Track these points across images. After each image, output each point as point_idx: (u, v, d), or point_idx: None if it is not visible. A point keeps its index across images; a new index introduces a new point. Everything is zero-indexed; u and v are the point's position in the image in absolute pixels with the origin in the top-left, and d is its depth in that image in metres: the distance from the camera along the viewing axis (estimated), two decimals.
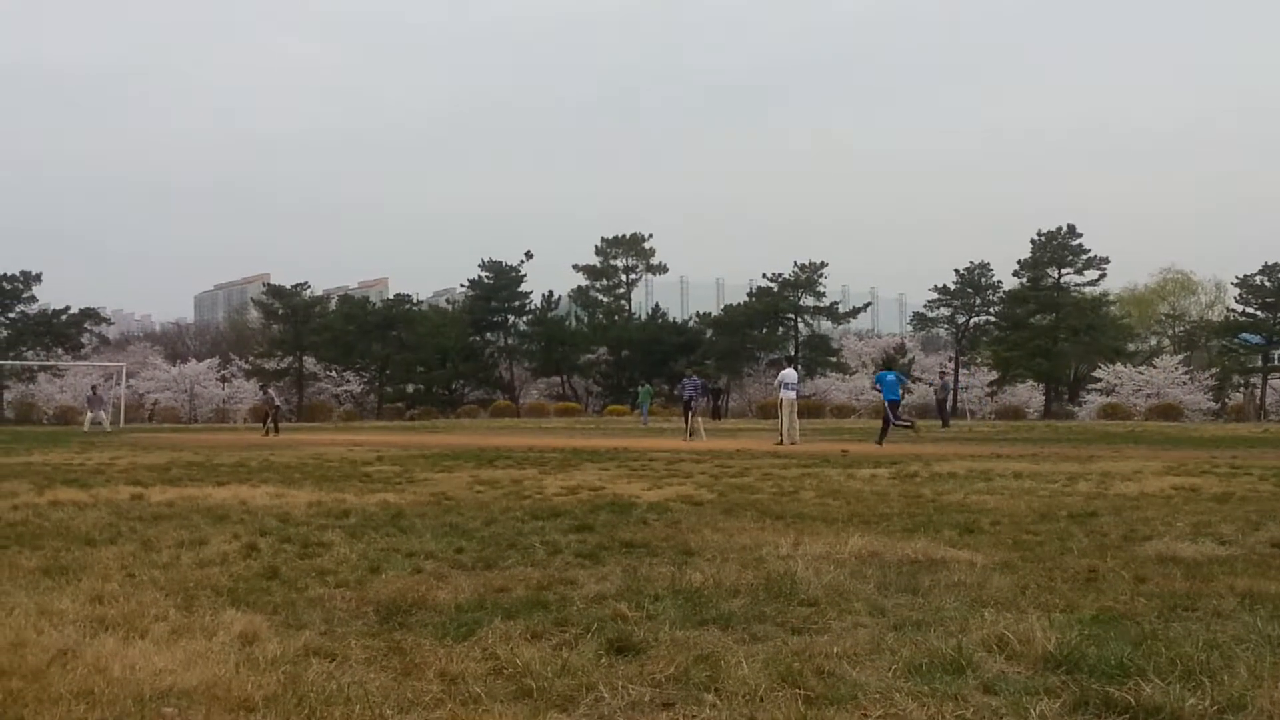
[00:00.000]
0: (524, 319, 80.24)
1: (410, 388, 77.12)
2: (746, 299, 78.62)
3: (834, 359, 74.92)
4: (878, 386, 30.77)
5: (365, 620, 6.25)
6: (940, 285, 74.62)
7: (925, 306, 76.92)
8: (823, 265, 74.14)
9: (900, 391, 30.63)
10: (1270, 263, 65.08)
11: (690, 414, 34.47)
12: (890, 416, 28.45)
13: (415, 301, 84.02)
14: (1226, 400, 66.02)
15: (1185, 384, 65.77)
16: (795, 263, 74.66)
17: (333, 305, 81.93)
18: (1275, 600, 6.66)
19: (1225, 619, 6.19)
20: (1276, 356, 66.29)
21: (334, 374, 77.20)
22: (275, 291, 78.71)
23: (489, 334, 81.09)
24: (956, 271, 74.21)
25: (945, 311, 75.64)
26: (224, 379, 75.48)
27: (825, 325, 79.11)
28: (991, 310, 74.38)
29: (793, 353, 70.09)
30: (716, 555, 8.36)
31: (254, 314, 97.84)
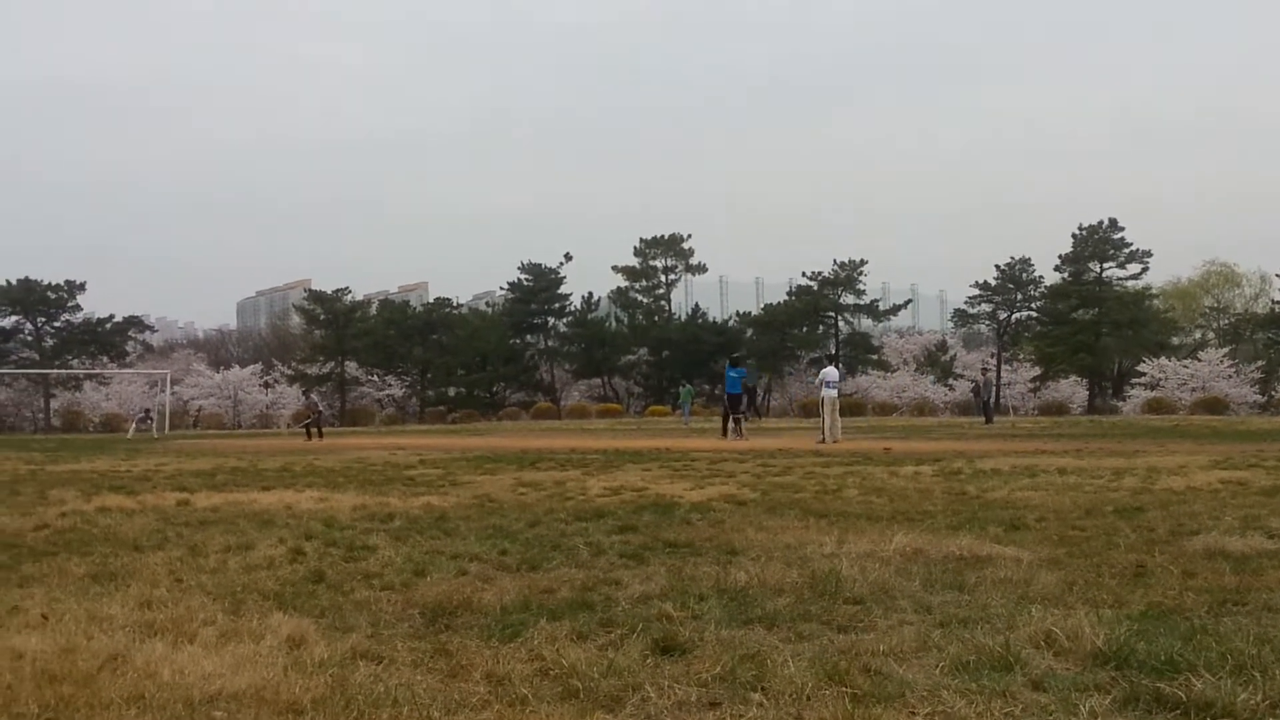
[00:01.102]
0: (564, 321, 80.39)
1: (451, 391, 77.39)
2: (786, 298, 78.56)
3: (875, 357, 74.72)
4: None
5: (411, 623, 6.28)
6: (981, 281, 74.36)
7: (966, 303, 76.60)
8: (862, 263, 73.96)
9: (741, 387, 32.08)
10: None
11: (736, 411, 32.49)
12: (730, 412, 30.46)
13: (455, 305, 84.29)
14: (1273, 393, 65.34)
15: (1231, 377, 65.19)
16: (835, 261, 74.56)
17: (373, 310, 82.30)
18: None
19: (1276, 613, 6.13)
20: None
21: (376, 378, 77.59)
22: (316, 297, 79.16)
23: (529, 336, 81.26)
24: (997, 267, 73.91)
25: (986, 308, 75.30)
26: (267, 385, 76.01)
27: (866, 323, 78.95)
28: (1033, 306, 73.97)
29: (833, 351, 69.91)
30: (761, 554, 8.34)
31: (296, 320, 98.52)
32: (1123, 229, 68.66)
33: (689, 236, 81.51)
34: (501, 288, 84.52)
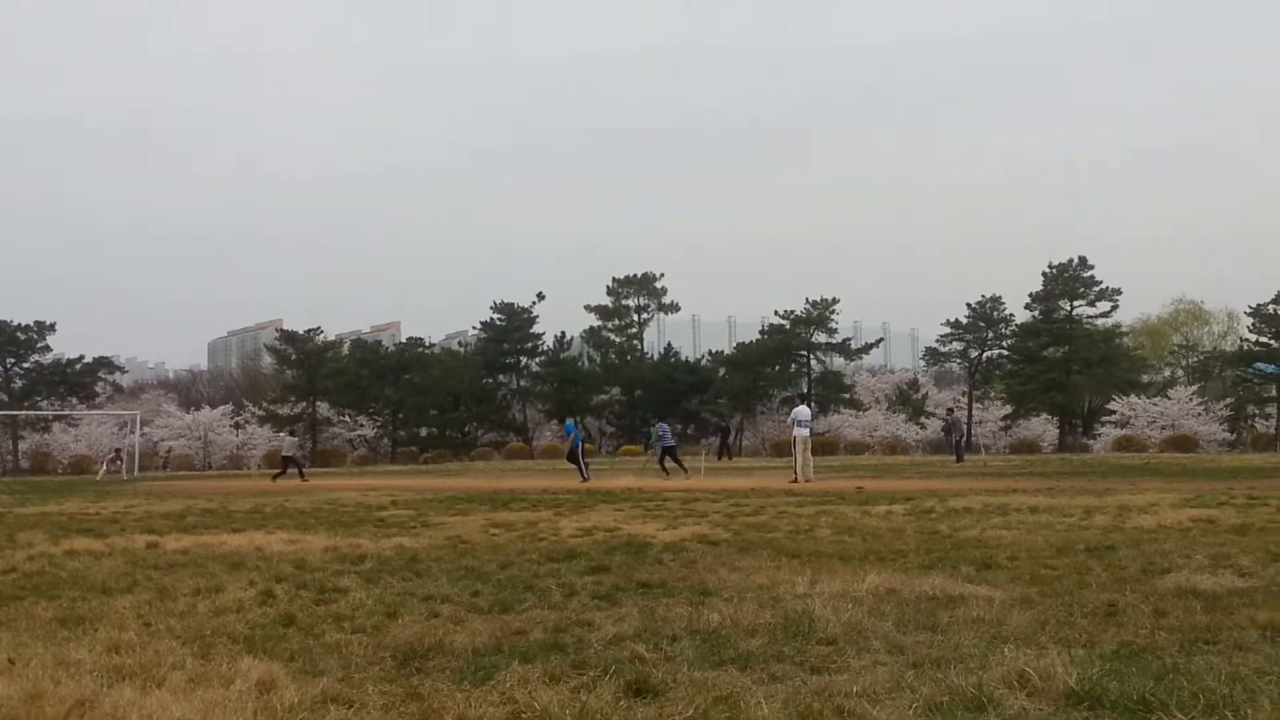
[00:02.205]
0: (536, 360, 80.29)
1: (423, 431, 77.15)
2: (759, 337, 78.62)
3: (847, 395, 74.82)
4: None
5: (382, 666, 6.25)
6: (952, 319, 74.58)
7: (937, 341, 76.78)
8: (834, 301, 74.15)
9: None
10: None
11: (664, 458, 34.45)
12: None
13: (428, 345, 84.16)
14: (1242, 430, 65.72)
15: (1200, 415, 65.55)
16: (807, 299, 74.70)
17: (345, 350, 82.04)
18: None
19: (1247, 652, 6.16)
20: None
21: (347, 418, 77.26)
22: (288, 337, 78.87)
23: (502, 376, 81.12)
24: (968, 305, 74.20)
25: (958, 346, 75.51)
26: (237, 425, 75.57)
27: (838, 362, 79.08)
28: (1004, 344, 74.25)
29: (805, 390, 70.01)
30: (733, 595, 8.33)
31: (267, 360, 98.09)
32: (1092, 267, 69.10)
33: (661, 275, 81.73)
34: (474, 327, 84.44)
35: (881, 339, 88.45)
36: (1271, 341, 65.71)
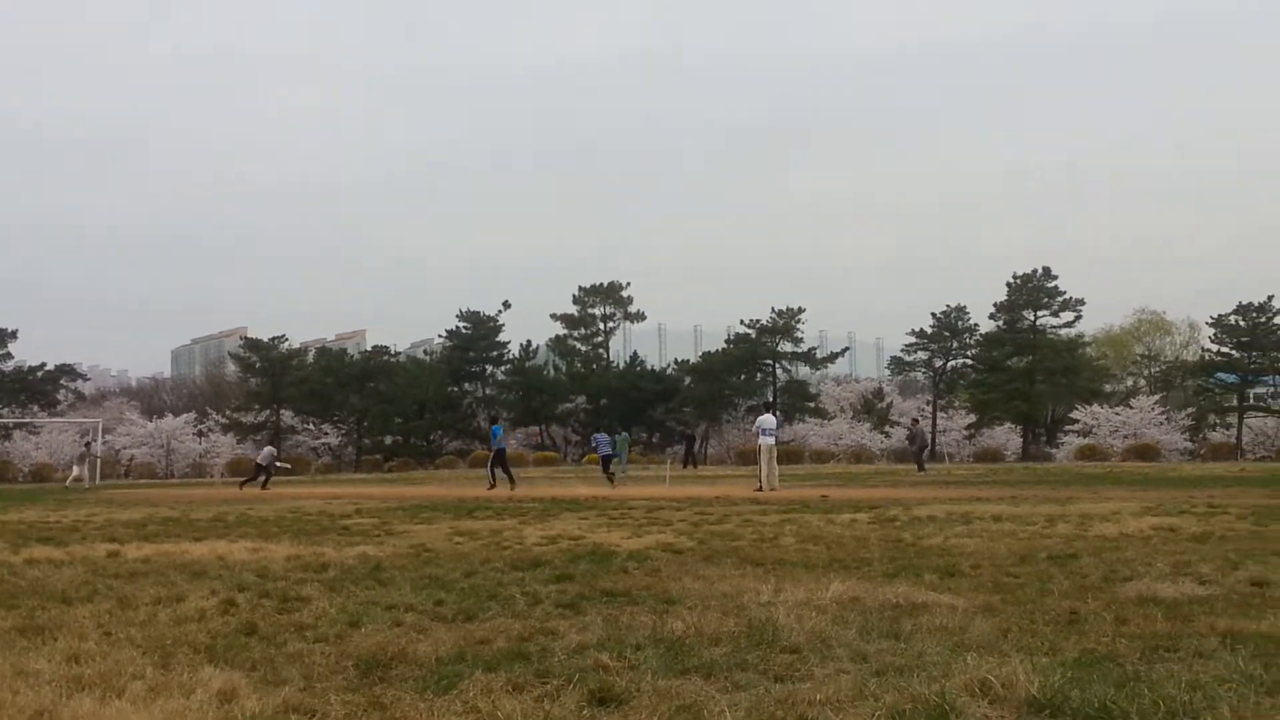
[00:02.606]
0: (502, 369, 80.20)
1: (388, 439, 76.87)
2: (724, 346, 78.76)
3: (812, 404, 74.96)
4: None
5: (345, 675, 6.21)
6: (917, 329, 74.89)
7: (903, 350, 77.09)
8: (800, 311, 74.29)
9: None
10: (1244, 302, 65.57)
11: (607, 466, 36.76)
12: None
13: (393, 353, 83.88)
14: (1203, 439, 66.23)
15: (1161, 424, 66.07)
16: (773, 309, 74.81)
17: (310, 358, 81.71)
18: (1256, 640, 6.67)
19: (1207, 659, 6.20)
20: (1252, 395, 66.68)
21: (311, 427, 76.94)
22: (252, 345, 78.53)
23: (467, 384, 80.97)
24: (933, 315, 74.53)
25: (922, 355, 75.83)
26: (200, 433, 75.19)
27: (803, 371, 79.23)
28: (968, 353, 74.57)
29: (771, 399, 70.18)
30: (698, 603, 8.33)
31: (231, 368, 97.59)
32: (1056, 277, 69.48)
33: (628, 284, 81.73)
34: (440, 335, 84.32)
35: (847, 348, 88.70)
36: (1232, 352, 66.26)
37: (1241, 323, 65.48)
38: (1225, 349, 67.09)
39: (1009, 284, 70.61)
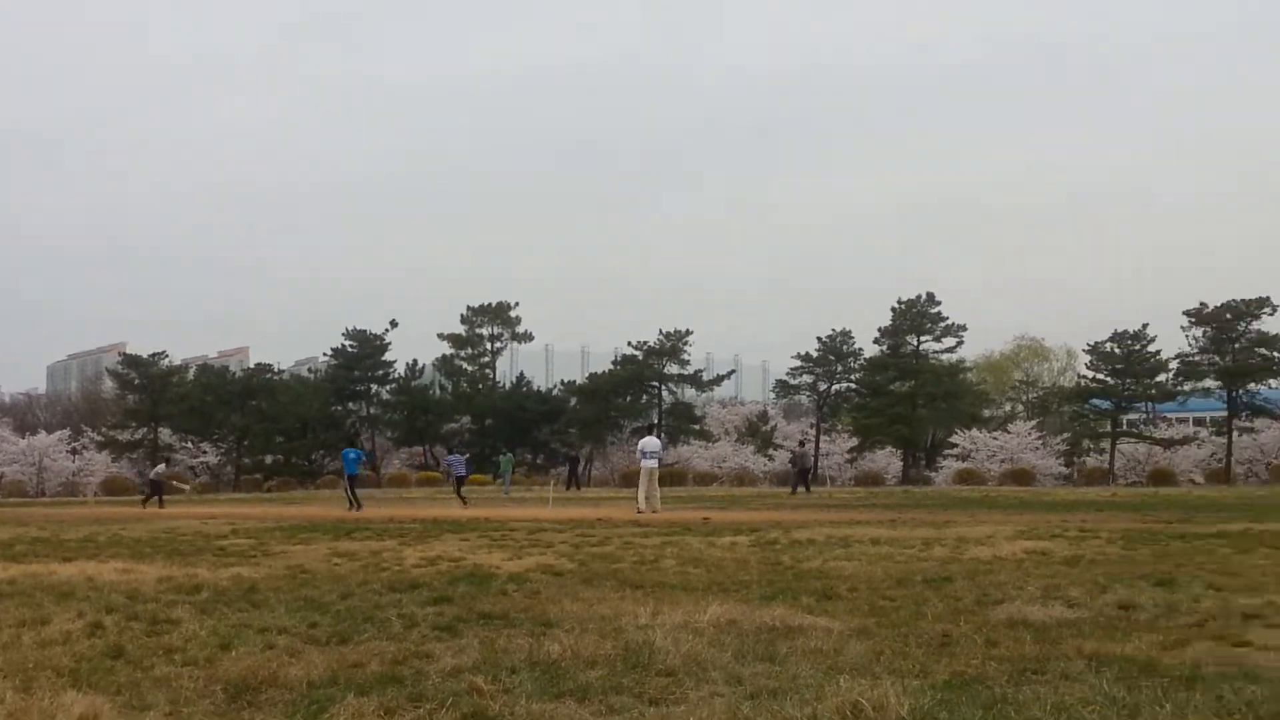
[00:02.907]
0: (387, 388, 79.47)
1: (269, 458, 75.72)
2: (611, 367, 78.80)
3: (697, 427, 75.23)
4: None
5: (213, 699, 6.10)
6: (803, 353, 75.52)
7: (788, 374, 77.68)
8: (687, 333, 74.63)
9: (358, 467, 37.10)
10: (1119, 330, 67.10)
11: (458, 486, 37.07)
12: (348, 487, 34.03)
13: (276, 371, 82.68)
14: (1077, 464, 67.56)
15: (1038, 449, 67.22)
16: (660, 331, 75.01)
17: (191, 375, 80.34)
18: (1120, 662, 6.81)
19: (1073, 681, 6.32)
20: (1125, 422, 68.21)
21: (190, 445, 75.57)
22: (131, 361, 77.01)
23: (351, 403, 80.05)
24: (819, 339, 75.22)
25: (807, 379, 76.45)
26: (74, 451, 73.43)
27: (689, 393, 79.49)
28: (852, 377, 75.36)
29: (656, 420, 70.32)
30: (575, 626, 8.32)
31: (109, 384, 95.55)
32: (939, 303, 70.55)
33: (516, 305, 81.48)
34: (325, 354, 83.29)
35: (733, 371, 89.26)
36: (1108, 379, 67.72)
37: (1117, 350, 66.97)
38: (1101, 376, 68.54)
39: (894, 309, 71.56)
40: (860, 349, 74.51)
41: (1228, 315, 63.63)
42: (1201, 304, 64.47)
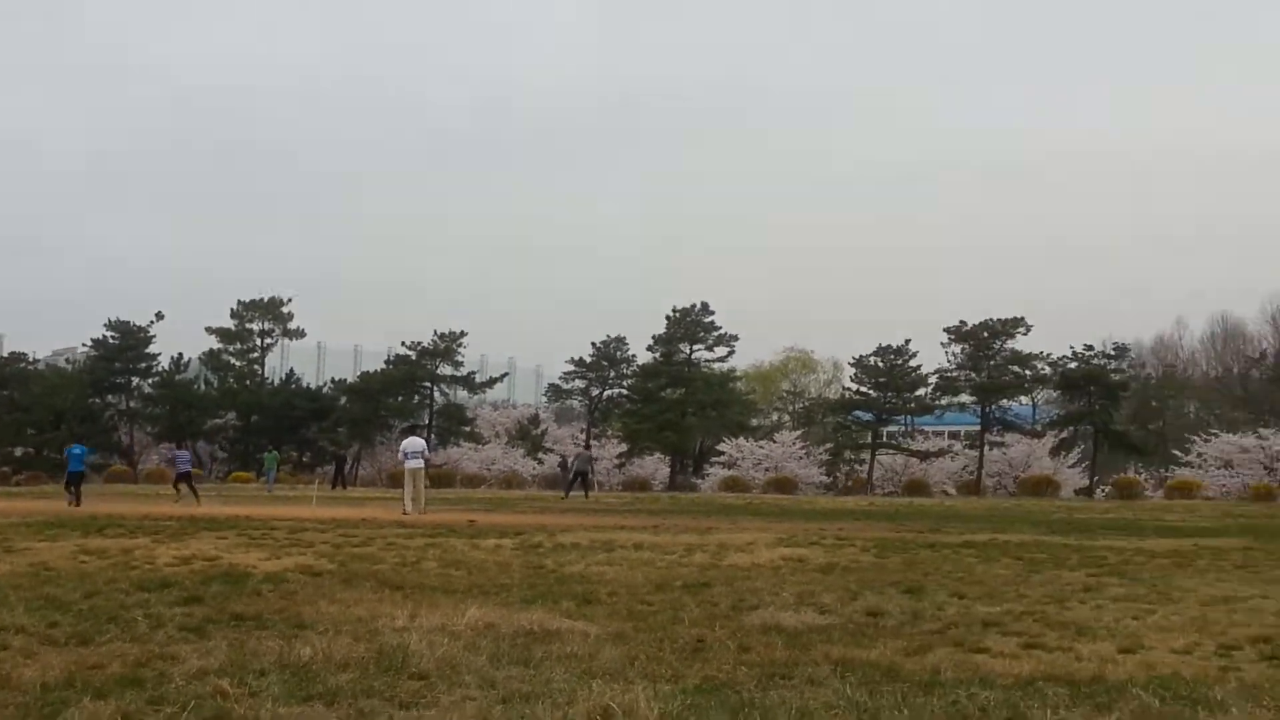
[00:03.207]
0: (149, 381, 76.91)
1: (19, 451, 72.55)
2: (384, 366, 77.86)
3: (468, 428, 74.89)
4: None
5: None
6: (577, 358, 75.86)
7: (561, 378, 78.00)
8: (462, 335, 74.19)
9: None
10: (883, 345, 69.21)
11: (185, 483, 35.72)
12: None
13: (31, 360, 79.24)
14: (838, 474, 69.41)
15: (801, 458, 68.81)
16: (435, 331, 74.46)
17: None
18: (865, 667, 7.02)
19: (819, 686, 6.48)
20: (885, 434, 70.37)
21: None
22: None
23: (110, 396, 77.23)
24: (594, 344, 75.66)
25: (580, 384, 76.86)
26: None
27: (462, 395, 79.08)
28: (625, 383, 76.01)
29: (426, 421, 69.70)
30: (330, 628, 8.19)
31: None
32: (713, 313, 71.73)
33: (289, 300, 79.61)
34: (84, 344, 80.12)
35: (507, 374, 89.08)
36: (870, 391, 69.75)
37: (880, 364, 69.05)
38: (864, 388, 70.58)
39: (668, 317, 72.44)
40: (634, 355, 75.25)
41: (984, 333, 66.34)
42: (961, 322, 67.04)
